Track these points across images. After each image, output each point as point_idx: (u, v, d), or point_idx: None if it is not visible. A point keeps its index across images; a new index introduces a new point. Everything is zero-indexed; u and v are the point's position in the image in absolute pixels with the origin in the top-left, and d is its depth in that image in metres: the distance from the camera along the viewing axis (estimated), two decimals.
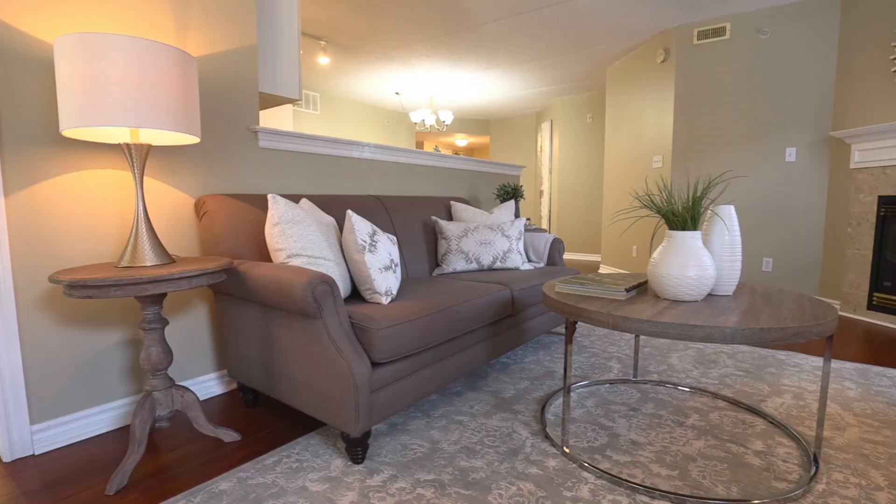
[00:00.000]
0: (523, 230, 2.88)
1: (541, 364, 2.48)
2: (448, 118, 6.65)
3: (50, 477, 1.51)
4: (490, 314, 2.02)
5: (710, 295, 1.71)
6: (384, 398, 1.55)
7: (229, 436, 1.71)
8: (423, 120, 6.81)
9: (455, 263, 2.64)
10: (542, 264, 2.93)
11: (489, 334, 2.08)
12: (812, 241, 3.93)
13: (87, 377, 1.75)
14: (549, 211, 7.63)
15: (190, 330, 2.03)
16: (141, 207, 1.56)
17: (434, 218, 2.79)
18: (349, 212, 1.79)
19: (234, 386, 2.19)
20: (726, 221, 1.64)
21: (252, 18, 2.17)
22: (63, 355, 1.69)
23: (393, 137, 8.01)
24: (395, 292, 1.84)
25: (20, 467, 1.57)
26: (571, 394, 2.10)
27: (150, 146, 1.57)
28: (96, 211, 1.74)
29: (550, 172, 7.56)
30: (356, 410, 1.45)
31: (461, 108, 8.12)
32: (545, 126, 7.69)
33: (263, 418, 1.88)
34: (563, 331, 3.06)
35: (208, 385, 2.10)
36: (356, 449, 1.53)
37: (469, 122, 9.02)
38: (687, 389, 2.15)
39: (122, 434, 1.78)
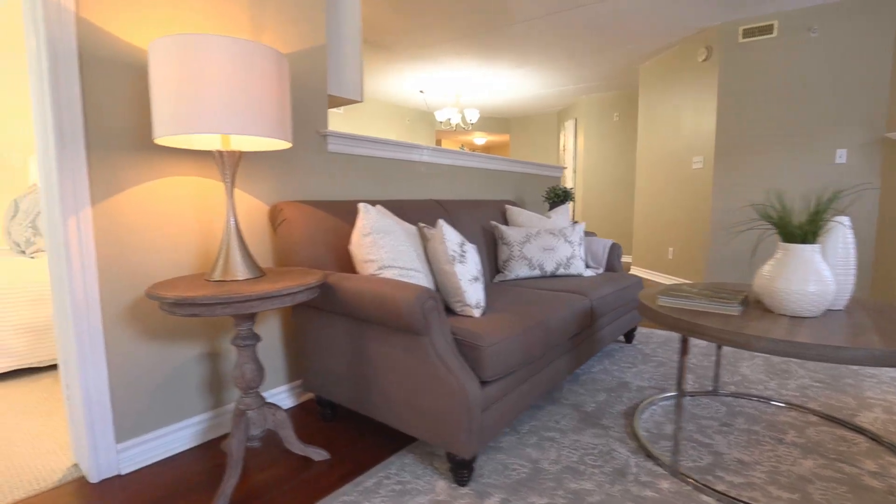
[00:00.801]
0: (583, 235, 2.81)
1: (610, 374, 2.41)
2: (474, 117, 6.56)
3: (141, 499, 1.45)
4: (574, 325, 1.95)
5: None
6: (491, 418, 1.48)
7: (318, 454, 1.64)
8: (449, 119, 6.72)
9: (518, 269, 2.57)
10: (601, 270, 2.86)
11: (571, 346, 2.01)
12: (863, 244, 3.85)
13: (167, 393, 1.68)
14: (574, 210, 7.55)
15: (261, 341, 1.96)
16: (232, 219, 1.49)
17: (493, 223, 2.72)
18: (441, 221, 1.72)
19: (305, 399, 2.12)
20: (845, 234, 1.56)
21: (322, 18, 2.09)
22: (145, 371, 1.62)
23: (414, 136, 7.92)
24: (484, 304, 1.77)
25: (108, 489, 1.50)
26: (655, 407, 2.03)
27: (241, 153, 1.50)
28: (176, 220, 1.67)
29: (575, 172, 7.47)
30: (469, 432, 1.39)
31: (482, 107, 8.03)
32: (569, 125, 7.60)
33: (344, 434, 1.81)
34: (623, 339, 2.99)
35: (279, 398, 2.03)
36: (462, 471, 1.47)
37: (489, 120, 8.93)
38: (778, 404, 2.07)
39: (202, 451, 1.71)
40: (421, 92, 6.91)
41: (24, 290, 2.46)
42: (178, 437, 1.71)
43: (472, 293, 1.70)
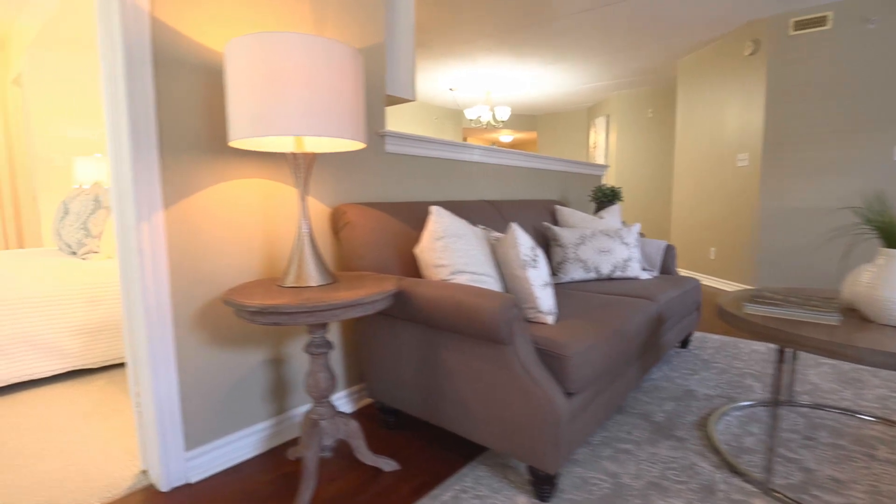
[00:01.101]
0: (638, 236, 2.72)
1: (672, 381, 2.32)
2: (505, 114, 6.47)
3: None
4: (645, 332, 1.87)
5: None
6: (574, 431, 1.41)
7: (388, 465, 1.59)
8: (480, 116, 6.64)
9: (573, 272, 2.49)
10: (656, 273, 2.77)
11: (640, 353, 1.93)
12: None
13: (233, 399, 1.65)
14: None
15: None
16: (305, 223, 1.44)
17: (546, 224, 2.64)
18: (513, 225, 1.65)
19: (363, 404, 2.08)
20: None
21: (382, 14, 2.04)
22: (212, 377, 1.59)
23: (440, 134, 7.86)
24: (556, 310, 1.70)
25: (179, 498, 1.47)
26: (729, 417, 1.94)
27: (315, 155, 1.45)
28: (242, 223, 1.63)
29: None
30: (555, 446, 1.32)
31: (511, 104, 7.93)
32: (600, 121, 7.46)
33: (410, 443, 1.76)
34: (679, 344, 2.90)
35: (338, 403, 1.99)
36: (544, 486, 1.40)
37: (516, 117, 8.83)
38: (863, 417, 1.97)
39: (267, 459, 1.68)
40: (451, 90, 6.85)
41: (77, 292, 2.47)
42: (244, 445, 1.68)
43: (545, 299, 1.63)
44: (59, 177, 4.35)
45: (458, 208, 2.22)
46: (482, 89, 6.72)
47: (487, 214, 2.38)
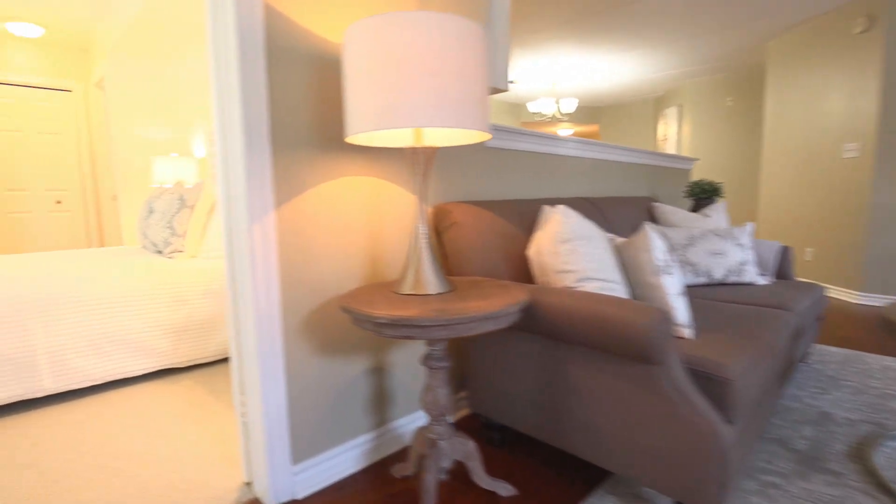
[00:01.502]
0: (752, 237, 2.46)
1: (801, 401, 2.06)
2: (571, 106, 6.21)
3: None
4: (786, 346, 1.64)
5: None
6: (736, 465, 1.22)
7: (506, 489, 1.45)
8: (544, 109, 6.41)
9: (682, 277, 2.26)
10: (770, 277, 2.49)
11: (783, 372, 1.70)
12: None
13: (337, 411, 1.55)
14: None
15: (410, 353, 1.80)
16: (423, 225, 1.32)
17: (647, 223, 2.42)
18: (646, 224, 1.47)
19: (461, 416, 1.95)
20: None
21: None
22: (318, 387, 1.50)
23: None
24: (693, 323, 1.50)
25: None
26: (887, 449, 1.68)
27: (435, 150, 1.32)
28: (347, 223, 1.53)
29: None
30: (718, 482, 1.14)
31: (575, 96, 7.63)
32: (670, 112, 7.05)
33: (523, 464, 1.61)
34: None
35: None
36: None
37: (577, 110, 8.50)
38: None
39: (370, 475, 1.58)
40: (511, 82, 6.64)
41: (166, 291, 2.47)
42: (346, 459, 1.58)
43: (682, 310, 1.44)
44: (137, 177, 4.47)
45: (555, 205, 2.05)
46: (547, 81, 6.47)
47: (588, 213, 2.19)
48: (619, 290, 1.46)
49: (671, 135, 7.04)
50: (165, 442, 1.79)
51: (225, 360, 2.71)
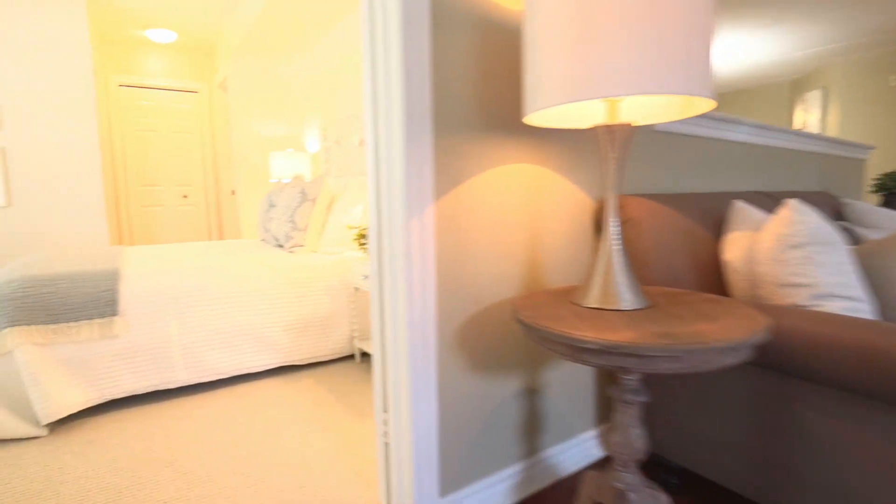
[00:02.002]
0: None
1: None
2: None
3: None
4: None
5: None
6: None
7: None
8: None
9: None
10: None
11: None
12: None
13: (486, 437, 1.34)
14: None
15: (567, 372, 1.54)
16: (615, 223, 1.06)
17: (846, 225, 1.97)
18: None
19: None
20: None
21: None
22: (469, 410, 1.30)
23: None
24: None
25: None
26: None
27: (633, 129, 1.05)
28: (505, 219, 1.31)
29: None
30: None
31: None
32: (812, 96, 6.15)
33: None
34: None
35: (588, 445, 1.60)
36: None
37: None
38: None
39: None
40: None
41: (289, 287, 2.42)
42: (495, 494, 1.36)
43: None
44: (255, 172, 4.63)
45: (728, 200, 1.69)
46: None
47: (769, 210, 1.81)
48: (865, 310, 1.11)
49: (812, 122, 6.14)
50: (292, 447, 1.70)
51: (341, 359, 2.63)
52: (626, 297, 1.04)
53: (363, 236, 2.38)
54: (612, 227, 1.06)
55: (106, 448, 1.73)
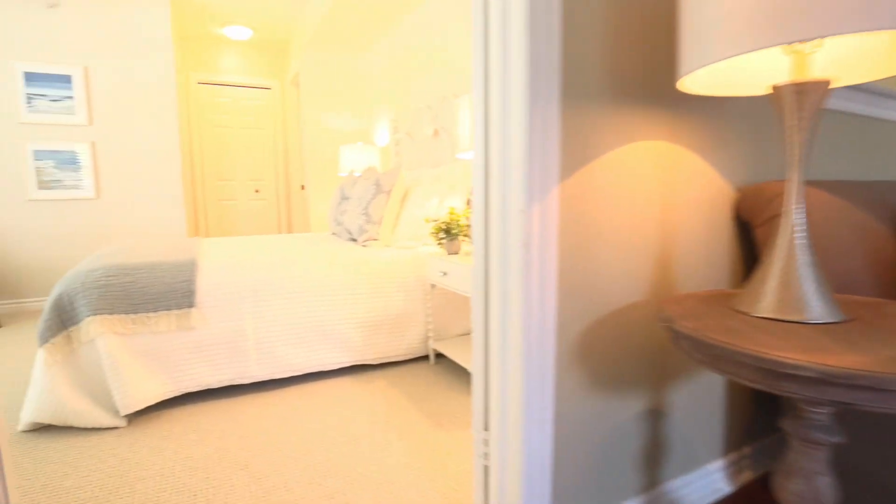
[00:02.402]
0: None
1: None
2: None
3: None
4: None
5: None
6: None
7: None
8: None
9: None
10: None
11: None
12: None
13: (602, 465, 1.13)
14: None
15: (696, 391, 1.30)
16: (800, 211, 0.82)
17: None
18: None
19: (748, 480, 1.41)
20: None
21: None
22: (585, 432, 1.10)
23: None
24: None
25: None
26: None
27: (829, 91, 0.81)
28: (634, 207, 1.09)
29: None
30: None
31: None
32: None
33: None
34: None
35: (714, 479, 1.35)
36: None
37: None
38: None
39: None
40: None
41: (362, 282, 2.31)
42: None
43: None
44: (324, 166, 4.62)
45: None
46: None
47: None
48: None
49: None
50: (370, 456, 1.56)
51: (414, 360, 2.49)
52: (815, 307, 0.80)
53: (442, 230, 2.22)
54: (796, 217, 0.82)
55: (181, 445, 1.67)
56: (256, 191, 5.49)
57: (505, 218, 0.97)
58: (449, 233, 2.22)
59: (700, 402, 1.29)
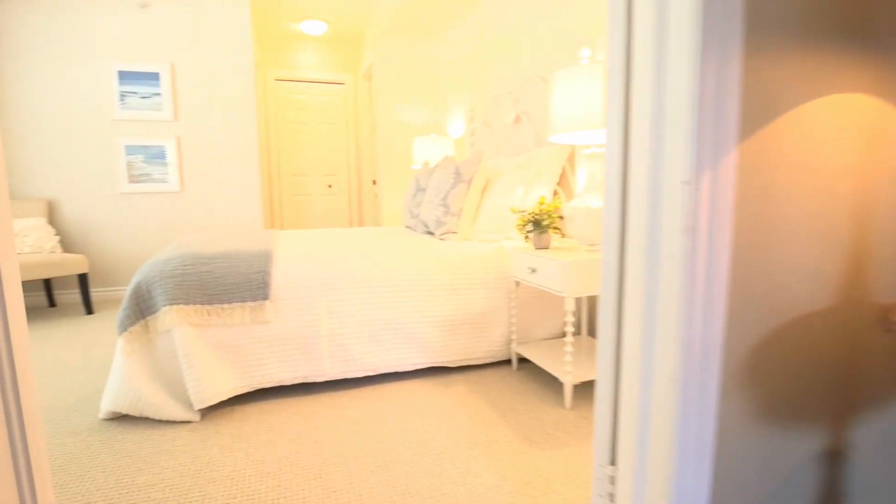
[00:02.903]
0: None
1: None
2: None
3: None
4: None
5: None
6: None
7: None
8: None
9: None
10: None
11: None
12: None
13: None
14: None
15: (891, 428, 0.99)
16: None
17: None
18: None
19: None
20: None
21: None
22: (749, 475, 0.84)
23: None
24: None
25: None
26: None
27: None
28: (824, 181, 0.82)
29: None
30: None
31: None
32: None
33: None
34: None
35: None
36: None
37: None
38: None
39: None
40: None
41: (442, 278, 2.13)
42: None
43: None
44: (397, 160, 4.52)
45: None
46: None
47: None
48: None
49: None
50: (456, 476, 1.37)
51: (495, 364, 2.28)
52: None
53: (531, 222, 2.00)
54: None
55: (253, 446, 1.57)
56: (329, 186, 5.51)
57: (656, 194, 0.74)
58: (538, 225, 1.99)
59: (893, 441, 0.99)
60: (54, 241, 3.44)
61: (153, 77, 3.85)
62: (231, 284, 1.83)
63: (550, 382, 2.06)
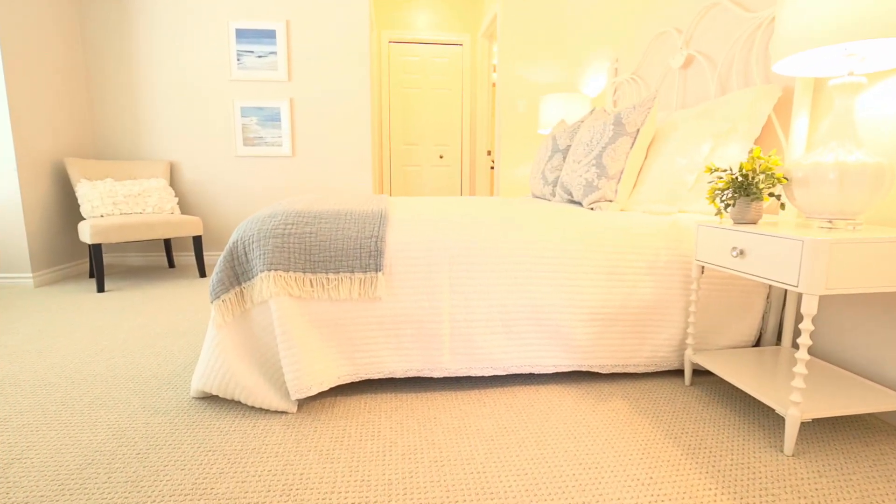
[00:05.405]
0: None
1: None
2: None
3: None
4: None
5: None
6: None
7: None
8: None
9: None
10: None
11: None
12: None
13: None
14: None
15: None
16: None
17: None
18: None
19: None
20: None
21: None
22: None
23: None
24: None
25: None
26: None
27: None
28: None
29: None
30: None
31: None
32: None
33: None
34: None
35: None
36: None
37: None
38: None
39: None
40: None
41: (595, 258, 1.62)
42: None
43: None
44: (520, 124, 4.01)
45: None
46: None
47: None
48: None
49: None
50: None
51: (657, 374, 1.74)
52: None
53: (736, 187, 1.41)
54: None
55: (357, 457, 1.21)
56: (441, 156, 5.16)
57: None
58: (747, 189, 1.40)
59: None
60: (174, 202, 3.44)
61: (269, 35, 3.69)
62: (338, 250, 1.48)
63: (750, 410, 1.48)
